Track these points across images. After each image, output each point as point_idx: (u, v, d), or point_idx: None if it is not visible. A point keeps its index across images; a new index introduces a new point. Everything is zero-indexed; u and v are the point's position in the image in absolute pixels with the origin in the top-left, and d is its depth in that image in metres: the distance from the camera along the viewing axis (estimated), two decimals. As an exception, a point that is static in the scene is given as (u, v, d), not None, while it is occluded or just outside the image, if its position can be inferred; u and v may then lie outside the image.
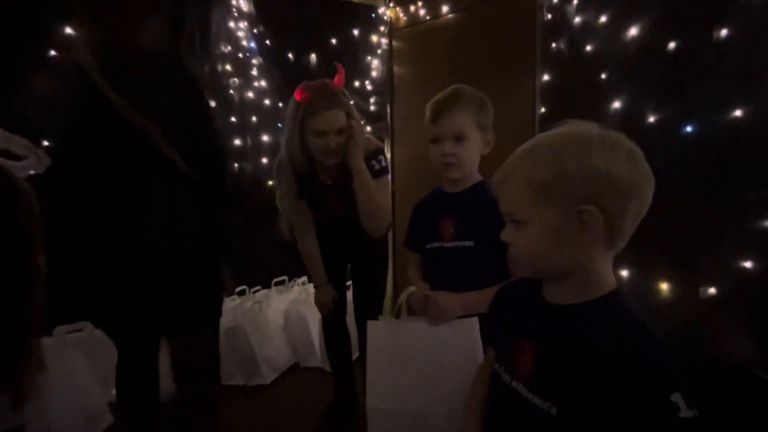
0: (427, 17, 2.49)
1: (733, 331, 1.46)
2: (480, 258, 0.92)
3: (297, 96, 1.36)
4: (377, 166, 1.44)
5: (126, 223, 0.90)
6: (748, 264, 1.44)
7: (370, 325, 0.94)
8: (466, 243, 0.94)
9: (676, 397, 0.49)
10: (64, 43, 1.72)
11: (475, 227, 0.93)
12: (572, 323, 0.58)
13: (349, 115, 1.36)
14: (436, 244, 0.99)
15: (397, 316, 0.93)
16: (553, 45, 1.97)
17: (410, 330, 0.89)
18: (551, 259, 0.60)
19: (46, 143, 1.88)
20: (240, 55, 2.65)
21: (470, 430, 0.70)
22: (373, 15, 2.68)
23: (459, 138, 0.93)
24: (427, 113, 0.99)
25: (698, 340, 1.52)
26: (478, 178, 0.99)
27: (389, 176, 1.61)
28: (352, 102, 1.47)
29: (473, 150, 0.95)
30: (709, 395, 1.44)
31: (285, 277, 2.59)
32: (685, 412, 0.48)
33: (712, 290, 1.51)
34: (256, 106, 2.69)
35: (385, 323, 0.94)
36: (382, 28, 2.67)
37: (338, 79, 1.40)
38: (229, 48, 2.64)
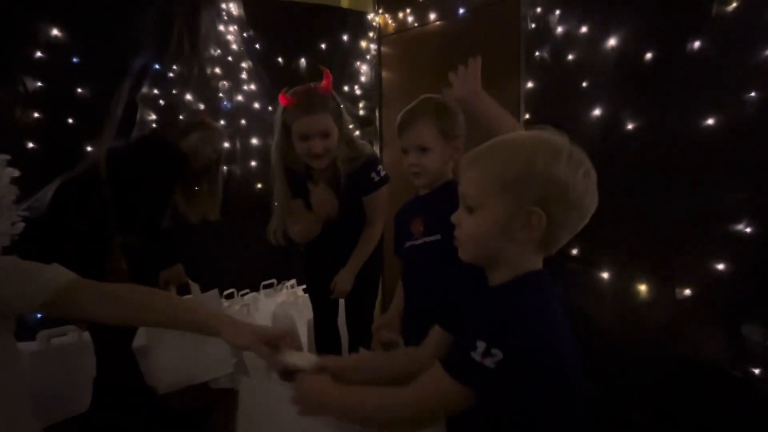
0: (415, 24, 2.54)
1: (708, 331, 1.51)
2: (448, 250, 0.96)
3: (281, 100, 1.38)
4: (377, 177, 1.45)
5: None
6: (721, 266, 1.50)
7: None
8: (434, 237, 0.98)
9: (480, 345, 0.56)
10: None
11: (442, 222, 0.97)
12: (495, 304, 0.66)
13: (336, 120, 1.38)
14: (408, 244, 1.03)
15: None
16: (537, 53, 2.02)
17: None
18: (489, 248, 0.66)
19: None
20: (229, 58, 2.66)
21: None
22: (362, 21, 2.72)
23: (422, 149, 0.97)
24: (396, 125, 1.04)
25: (675, 339, 1.57)
26: (447, 178, 1.03)
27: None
28: (342, 107, 1.48)
29: (437, 159, 0.98)
30: (684, 392, 1.50)
31: (274, 280, 2.60)
32: (476, 355, 0.56)
33: (688, 291, 1.57)
34: (245, 110, 2.70)
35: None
36: (371, 34, 2.71)
37: (325, 83, 1.41)
38: (219, 51, 2.66)
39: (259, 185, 2.69)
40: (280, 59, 2.71)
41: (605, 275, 1.75)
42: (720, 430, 1.42)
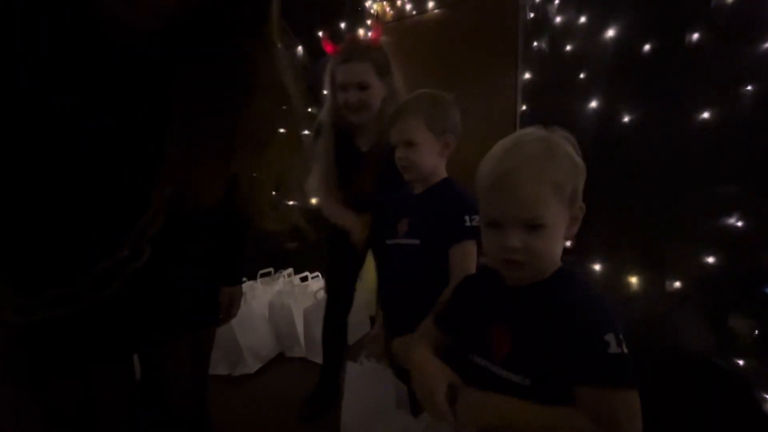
0: (414, 12, 2.51)
1: (696, 323, 1.54)
2: (425, 257, 0.96)
3: (325, 47, 1.32)
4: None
5: None
6: (710, 259, 1.52)
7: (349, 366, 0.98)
8: (414, 241, 0.98)
9: (609, 337, 0.55)
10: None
11: (425, 228, 0.97)
12: (535, 300, 0.63)
13: (380, 73, 1.27)
14: (393, 241, 1.04)
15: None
16: (535, 44, 2.01)
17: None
18: (555, 257, 0.63)
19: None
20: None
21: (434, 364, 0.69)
22: (360, 9, 2.68)
23: (409, 144, 0.97)
24: (387, 112, 1.03)
25: (664, 330, 1.60)
26: (440, 177, 1.01)
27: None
28: (391, 63, 1.34)
29: (425, 154, 0.97)
30: (672, 382, 1.53)
31: (271, 269, 2.62)
32: (614, 348, 0.55)
33: (678, 284, 1.59)
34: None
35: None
36: (368, 22, 2.68)
37: (374, 35, 1.36)
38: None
39: (254, 174, 2.69)
40: (280, 47, 2.68)
41: (597, 267, 1.77)
42: (705, 420, 1.45)
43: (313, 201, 1.44)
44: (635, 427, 0.55)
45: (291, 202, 0.72)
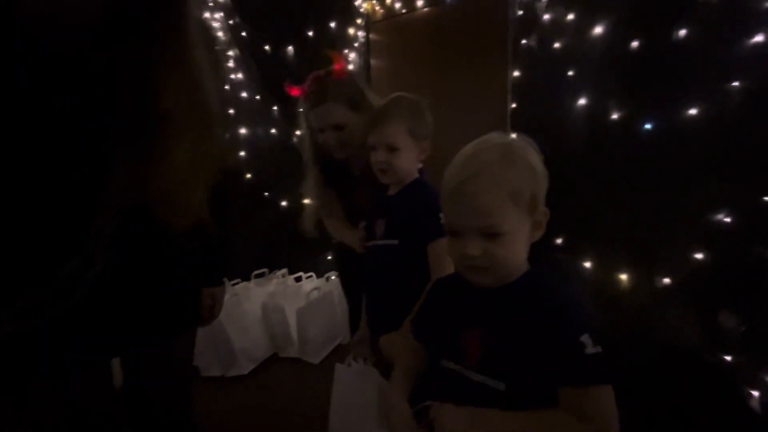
0: (403, 11, 2.50)
1: (685, 319, 1.54)
2: (404, 257, 0.97)
3: (291, 91, 1.28)
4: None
5: None
6: (699, 255, 1.53)
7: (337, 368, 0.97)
8: (393, 242, 0.99)
9: (585, 338, 0.56)
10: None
11: (402, 228, 0.98)
12: (504, 303, 0.64)
13: (354, 108, 1.21)
14: (372, 243, 1.05)
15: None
16: (524, 41, 2.01)
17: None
18: (518, 261, 0.64)
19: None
20: (216, 47, 2.62)
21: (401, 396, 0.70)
22: (350, 7, 2.67)
23: (391, 148, 0.97)
24: (367, 121, 1.03)
25: (653, 326, 1.61)
26: (413, 177, 1.02)
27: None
28: (364, 92, 1.27)
29: (405, 159, 0.98)
30: (661, 376, 1.54)
31: (265, 270, 2.63)
32: (590, 349, 0.56)
33: (667, 280, 1.59)
34: (233, 99, 2.68)
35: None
36: (358, 21, 2.67)
37: (338, 67, 1.26)
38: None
39: (249, 175, 2.69)
40: (267, 47, 2.67)
41: (588, 264, 1.78)
42: (693, 414, 1.46)
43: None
44: (615, 418, 0.58)
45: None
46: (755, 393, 1.36)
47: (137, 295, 0.76)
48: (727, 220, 1.49)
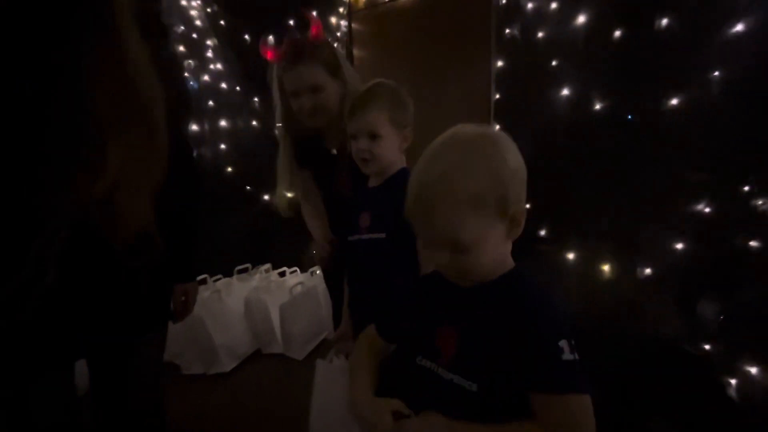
0: (386, 0, 2.46)
1: (665, 309, 1.56)
2: (392, 250, 0.95)
3: (265, 54, 1.21)
4: None
5: None
6: (679, 246, 1.54)
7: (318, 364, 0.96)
8: (380, 235, 0.96)
9: (563, 344, 0.54)
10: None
11: (388, 220, 0.95)
12: (482, 301, 0.62)
13: (332, 72, 1.17)
14: (355, 237, 1.01)
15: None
16: (507, 31, 1.98)
17: None
18: (495, 262, 0.62)
19: None
20: (194, 35, 2.54)
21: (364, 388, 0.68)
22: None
23: (373, 136, 0.94)
24: (347, 109, 0.99)
25: (635, 316, 1.62)
26: (397, 167, 0.99)
27: None
28: (341, 58, 1.24)
29: (387, 147, 0.95)
30: (642, 365, 1.56)
31: (248, 265, 2.58)
32: (567, 356, 0.54)
33: (648, 270, 1.60)
34: (213, 90, 2.61)
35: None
36: (341, 10, 2.61)
37: (314, 30, 1.20)
38: (183, 28, 2.54)
39: (229, 168, 2.63)
40: (246, 36, 2.60)
41: (570, 255, 1.78)
42: (674, 403, 1.48)
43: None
44: (591, 429, 0.55)
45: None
46: (733, 381, 1.38)
47: (96, 300, 0.73)
48: (707, 210, 1.50)
